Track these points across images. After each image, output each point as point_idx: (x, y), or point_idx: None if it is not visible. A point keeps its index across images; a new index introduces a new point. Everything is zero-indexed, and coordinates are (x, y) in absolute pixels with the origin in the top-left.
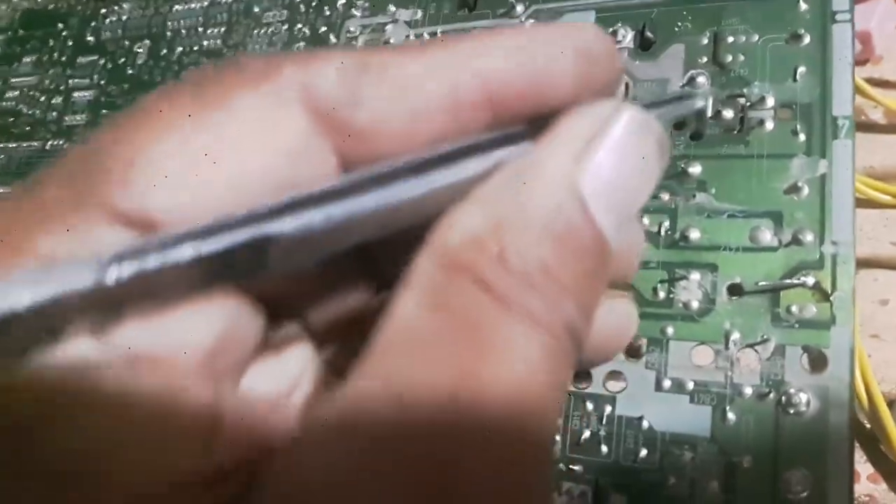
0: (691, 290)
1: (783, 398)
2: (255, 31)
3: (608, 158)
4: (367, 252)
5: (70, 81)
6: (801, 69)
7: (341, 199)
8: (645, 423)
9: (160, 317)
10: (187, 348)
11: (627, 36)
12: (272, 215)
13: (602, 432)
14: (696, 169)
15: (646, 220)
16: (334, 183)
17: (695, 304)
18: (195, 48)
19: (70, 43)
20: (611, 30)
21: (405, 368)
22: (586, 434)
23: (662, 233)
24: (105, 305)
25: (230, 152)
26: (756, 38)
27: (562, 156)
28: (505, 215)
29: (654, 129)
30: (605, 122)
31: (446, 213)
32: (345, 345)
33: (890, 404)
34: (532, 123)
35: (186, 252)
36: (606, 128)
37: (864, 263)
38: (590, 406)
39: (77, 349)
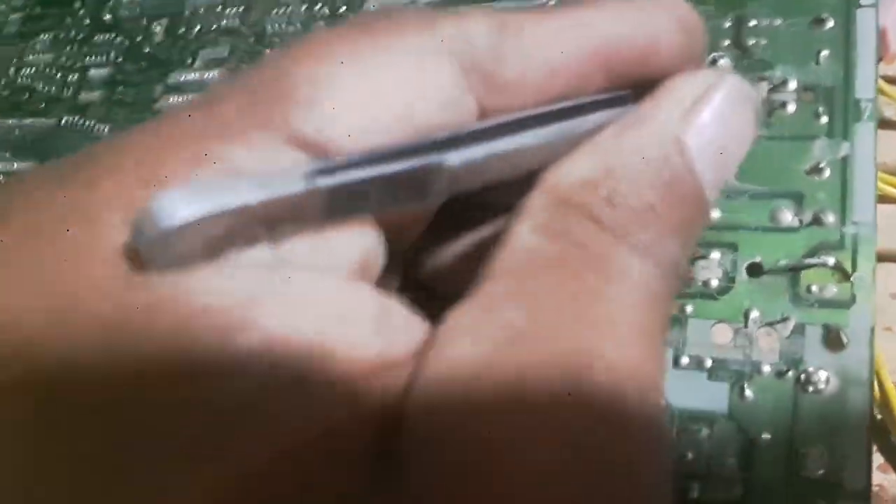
0: (711, 269)
1: (802, 376)
2: (274, 11)
3: (712, 120)
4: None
5: (87, 59)
6: (824, 53)
7: (488, 139)
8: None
9: (319, 232)
10: (345, 264)
11: None
12: (440, 147)
13: None
14: None
15: None
16: (480, 125)
17: (714, 283)
18: (213, 27)
19: (87, 21)
20: None
21: (529, 286)
22: None
23: None
24: (292, 215)
25: (396, 91)
26: (779, 21)
27: (670, 112)
28: (614, 162)
29: (753, 99)
30: (710, 86)
31: (557, 161)
32: None
33: None
34: (635, 90)
35: (374, 171)
36: (711, 92)
37: (877, 257)
38: None
39: (259, 255)
